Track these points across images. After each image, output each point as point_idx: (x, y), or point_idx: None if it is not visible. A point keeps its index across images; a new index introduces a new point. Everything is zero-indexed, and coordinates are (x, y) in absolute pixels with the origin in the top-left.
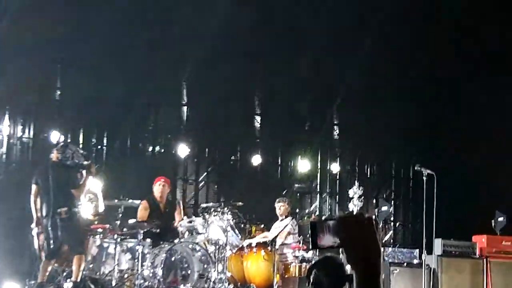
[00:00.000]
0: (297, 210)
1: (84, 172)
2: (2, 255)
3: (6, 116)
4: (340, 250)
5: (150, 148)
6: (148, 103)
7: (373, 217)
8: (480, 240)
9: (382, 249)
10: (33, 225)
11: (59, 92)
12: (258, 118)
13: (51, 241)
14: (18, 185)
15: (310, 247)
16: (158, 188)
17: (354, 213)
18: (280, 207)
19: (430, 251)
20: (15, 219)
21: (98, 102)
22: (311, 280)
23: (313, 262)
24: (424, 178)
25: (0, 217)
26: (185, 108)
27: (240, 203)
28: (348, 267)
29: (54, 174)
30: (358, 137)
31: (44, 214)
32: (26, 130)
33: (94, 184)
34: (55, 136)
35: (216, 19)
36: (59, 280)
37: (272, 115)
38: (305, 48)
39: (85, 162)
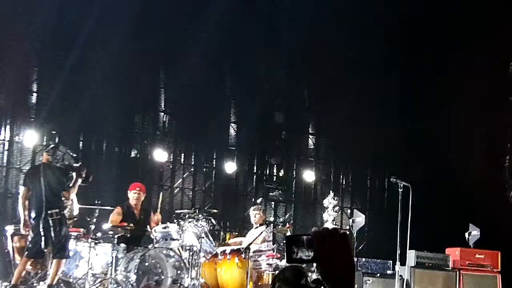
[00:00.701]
0: (272, 219)
1: (74, 174)
2: None
3: None
4: (314, 264)
5: (126, 153)
6: (125, 108)
7: (347, 232)
8: (454, 253)
9: (355, 259)
10: (20, 226)
11: (35, 95)
12: (234, 126)
13: (42, 242)
14: None
15: (286, 261)
16: (133, 196)
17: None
18: (255, 215)
19: (403, 263)
20: None
21: (74, 106)
22: None
23: (277, 273)
24: (400, 190)
25: None
26: (162, 114)
27: (215, 210)
28: (314, 276)
29: (45, 176)
30: (333, 147)
31: (34, 215)
32: (2, 132)
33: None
34: (31, 138)
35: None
36: (32, 282)
37: (248, 123)
38: (280, 56)
39: (75, 164)
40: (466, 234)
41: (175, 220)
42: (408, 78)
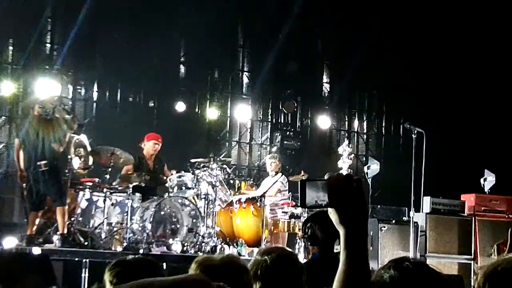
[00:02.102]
0: (287, 167)
1: (65, 126)
2: None
3: None
4: (328, 209)
5: (142, 102)
6: (142, 59)
7: (361, 178)
8: (469, 199)
9: (370, 206)
10: (18, 179)
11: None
12: (247, 74)
13: (35, 194)
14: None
15: (299, 205)
16: (152, 146)
17: (344, 173)
18: (271, 163)
19: (418, 209)
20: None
21: (88, 55)
22: (307, 233)
23: (309, 216)
24: (414, 136)
25: None
26: (182, 66)
27: (230, 159)
28: None
29: (35, 128)
30: (348, 95)
31: (26, 167)
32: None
33: (82, 138)
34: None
35: None
36: (48, 232)
37: (261, 72)
38: (293, 3)
39: (67, 116)
40: (482, 180)
41: (189, 169)
42: (422, 26)
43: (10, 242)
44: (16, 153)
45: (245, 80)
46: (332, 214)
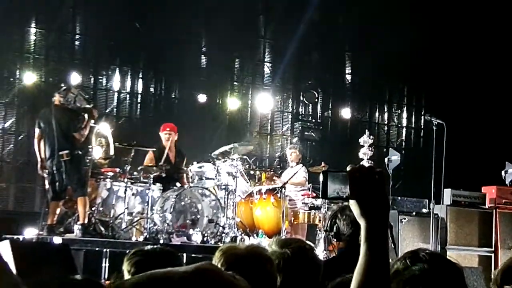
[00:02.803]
0: (308, 158)
1: (86, 115)
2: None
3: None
4: (349, 201)
5: (163, 93)
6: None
7: (383, 171)
8: (490, 191)
9: (391, 198)
10: (38, 169)
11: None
12: (268, 65)
13: (57, 184)
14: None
15: (320, 196)
16: (165, 137)
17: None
18: (292, 153)
19: (439, 201)
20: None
21: (109, 45)
22: (332, 228)
23: (332, 212)
24: (434, 128)
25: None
26: (203, 57)
27: (251, 147)
28: None
29: (56, 117)
30: (369, 86)
31: (47, 157)
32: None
33: (104, 128)
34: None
35: None
36: (69, 222)
37: (282, 62)
38: None
39: (87, 106)
40: (503, 172)
41: (210, 160)
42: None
43: (31, 232)
44: (38, 143)
45: (266, 70)
46: (353, 206)
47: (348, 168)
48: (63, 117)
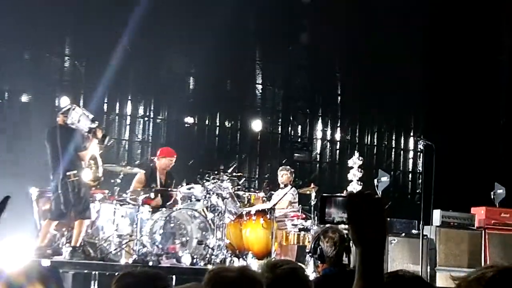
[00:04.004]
0: (297, 180)
1: (90, 135)
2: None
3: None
4: (347, 226)
5: (152, 115)
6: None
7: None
8: (479, 212)
9: None
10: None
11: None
12: (259, 87)
13: (62, 205)
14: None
15: (318, 221)
16: (166, 162)
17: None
18: (283, 175)
19: (428, 222)
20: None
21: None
22: (316, 250)
23: (317, 232)
24: (424, 149)
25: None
26: (191, 78)
27: (240, 174)
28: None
29: (61, 137)
30: (359, 107)
31: (52, 177)
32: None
33: (93, 149)
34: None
35: None
36: (58, 244)
37: (272, 84)
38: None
39: (92, 126)
40: (492, 193)
41: (199, 181)
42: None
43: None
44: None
45: (256, 92)
46: (350, 231)
47: (346, 193)
48: (67, 136)
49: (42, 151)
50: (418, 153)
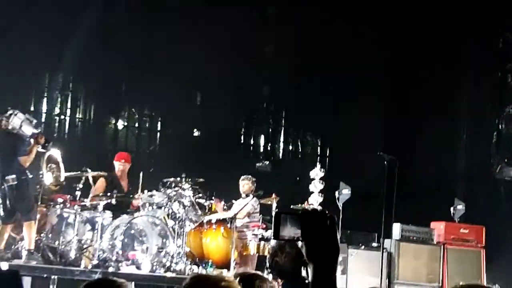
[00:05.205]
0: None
1: (32, 140)
2: None
3: None
4: (300, 243)
5: (113, 121)
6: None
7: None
8: (439, 227)
9: (340, 231)
10: None
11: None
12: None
13: (1, 208)
14: None
15: (272, 237)
16: (118, 167)
17: (318, 208)
18: (244, 185)
19: (388, 235)
20: None
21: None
22: (274, 266)
23: (274, 248)
24: (386, 163)
25: None
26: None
27: (201, 180)
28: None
29: (1, 142)
30: (320, 119)
31: None
32: None
33: (55, 154)
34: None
35: None
36: (17, 247)
37: (234, 95)
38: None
39: (34, 131)
40: (451, 208)
41: (161, 188)
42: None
43: None
44: None
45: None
46: (304, 247)
47: (301, 210)
48: (7, 141)
49: None
50: (381, 166)
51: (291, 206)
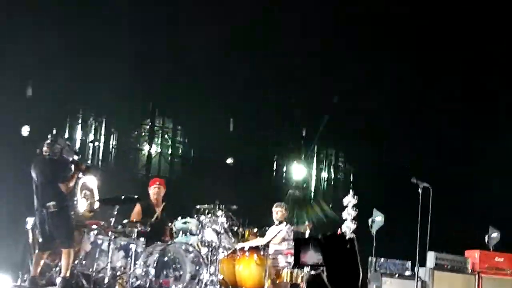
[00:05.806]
0: (293, 217)
1: (72, 167)
2: None
3: None
4: (321, 268)
5: (147, 148)
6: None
7: (354, 237)
8: (473, 255)
9: (374, 259)
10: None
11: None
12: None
13: (40, 235)
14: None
15: (293, 264)
16: (153, 191)
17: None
18: (277, 212)
19: (422, 264)
20: (11, 212)
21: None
22: None
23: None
24: (420, 191)
25: None
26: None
27: (235, 207)
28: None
29: (42, 168)
30: (355, 146)
31: (35, 208)
32: None
33: (89, 181)
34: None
35: None
36: (51, 274)
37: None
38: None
39: (75, 157)
40: (486, 237)
41: (195, 215)
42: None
43: (5, 282)
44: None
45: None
46: (326, 273)
47: (320, 235)
48: (48, 168)
49: None
50: (414, 194)
51: (292, 227)
